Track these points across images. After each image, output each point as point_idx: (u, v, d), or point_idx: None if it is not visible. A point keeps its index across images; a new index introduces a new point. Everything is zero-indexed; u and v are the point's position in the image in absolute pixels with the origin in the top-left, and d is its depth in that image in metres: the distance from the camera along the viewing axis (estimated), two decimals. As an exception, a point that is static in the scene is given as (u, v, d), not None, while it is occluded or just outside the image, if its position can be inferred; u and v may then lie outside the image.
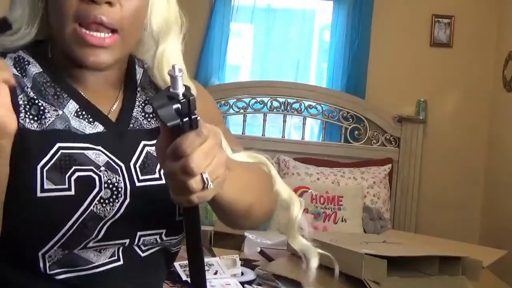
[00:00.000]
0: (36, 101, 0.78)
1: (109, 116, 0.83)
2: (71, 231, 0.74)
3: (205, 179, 0.61)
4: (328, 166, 3.46)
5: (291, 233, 0.87)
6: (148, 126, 0.86)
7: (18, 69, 0.79)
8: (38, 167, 0.74)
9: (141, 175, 0.81)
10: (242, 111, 3.61)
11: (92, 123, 0.81)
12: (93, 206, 0.75)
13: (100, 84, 0.84)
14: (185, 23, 0.86)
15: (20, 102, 0.77)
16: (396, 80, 3.67)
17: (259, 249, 2.09)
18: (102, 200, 0.76)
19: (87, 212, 0.75)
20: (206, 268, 1.63)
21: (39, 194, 0.74)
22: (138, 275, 0.82)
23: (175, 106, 0.57)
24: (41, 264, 0.75)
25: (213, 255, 1.85)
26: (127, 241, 0.80)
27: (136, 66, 0.89)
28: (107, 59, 0.77)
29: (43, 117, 0.77)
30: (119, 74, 0.86)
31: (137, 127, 0.85)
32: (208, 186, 0.62)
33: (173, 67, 0.58)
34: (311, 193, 3.17)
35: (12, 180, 0.72)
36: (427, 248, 1.73)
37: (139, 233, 0.80)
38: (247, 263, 1.80)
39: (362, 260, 1.37)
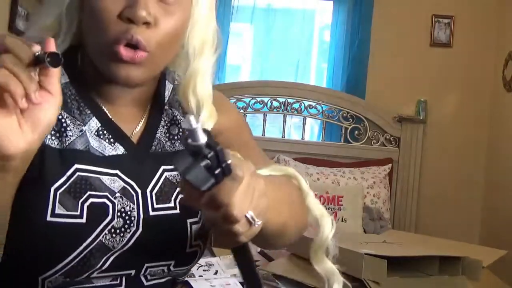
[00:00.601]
0: (60, 116, 0.74)
1: (131, 137, 0.81)
2: (75, 261, 0.71)
3: (250, 219, 0.57)
4: (328, 166, 3.46)
5: (317, 255, 0.78)
6: (171, 149, 0.84)
7: None
8: (52, 189, 0.72)
9: (156, 203, 0.78)
10: (242, 111, 3.61)
11: (112, 144, 0.78)
12: (102, 236, 0.73)
13: (127, 101, 0.81)
14: (221, 41, 0.84)
15: None
16: (396, 80, 3.68)
17: (259, 249, 2.08)
18: (113, 230, 0.74)
19: (95, 242, 0.72)
20: (206, 268, 1.63)
21: (48, 218, 0.71)
22: None
23: (203, 164, 0.49)
24: (40, 284, 0.72)
25: (213, 255, 1.85)
26: (133, 272, 0.77)
27: (166, 81, 0.87)
28: (138, 75, 0.74)
29: (65, 134, 0.74)
30: (148, 93, 0.83)
31: (159, 149, 0.83)
32: (255, 224, 0.58)
33: (187, 118, 0.50)
34: (311, 193, 3.17)
35: (23, 200, 0.69)
36: (427, 248, 1.73)
37: (146, 265, 0.78)
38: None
39: (362, 260, 1.37)
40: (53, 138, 0.74)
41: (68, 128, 0.75)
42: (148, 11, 0.71)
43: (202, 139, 0.49)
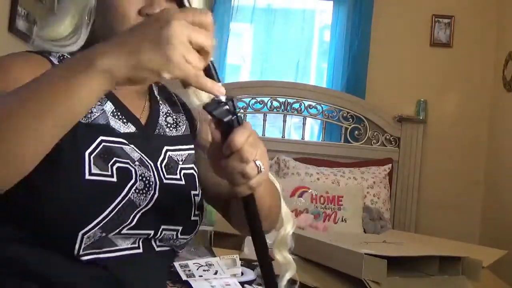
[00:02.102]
0: None
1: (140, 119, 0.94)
2: (111, 215, 0.80)
3: (257, 165, 0.73)
4: (328, 166, 3.46)
5: (280, 246, 0.96)
6: (170, 134, 0.99)
7: None
8: (86, 153, 0.82)
9: (167, 174, 0.92)
10: (242, 111, 3.61)
11: (125, 124, 0.91)
12: (131, 194, 0.83)
13: (132, 93, 0.94)
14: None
15: None
16: (396, 80, 3.68)
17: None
18: (137, 190, 0.85)
19: (125, 199, 0.82)
20: (206, 268, 1.63)
21: (87, 177, 0.81)
22: (151, 265, 0.91)
23: (225, 107, 0.71)
24: (77, 245, 0.79)
25: (213, 255, 1.85)
26: (152, 232, 0.88)
27: (154, 90, 1.02)
28: None
29: (89, 111, 0.85)
30: (144, 88, 0.98)
31: (162, 133, 0.97)
32: (261, 170, 0.73)
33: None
34: (311, 193, 3.17)
35: (63, 163, 0.79)
36: (427, 248, 1.73)
37: (162, 226, 0.89)
38: (247, 263, 1.80)
39: (362, 260, 1.37)
40: None
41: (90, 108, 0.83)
42: (162, 8, 0.82)
43: (223, 96, 0.71)
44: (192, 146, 1.00)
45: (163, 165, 0.92)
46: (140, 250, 0.88)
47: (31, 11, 2.73)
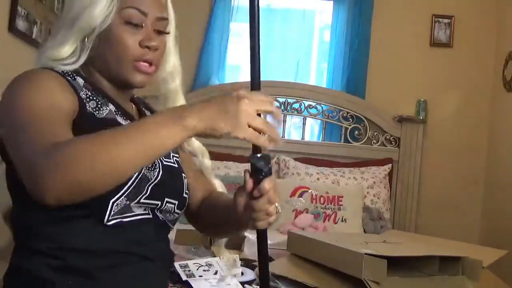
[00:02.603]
0: (93, 98, 1.09)
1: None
2: (133, 186, 1.02)
3: (277, 206, 0.99)
4: (328, 166, 3.46)
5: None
6: None
7: (68, 78, 1.07)
8: None
9: (165, 158, 1.14)
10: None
11: (126, 120, 1.13)
12: (144, 170, 1.05)
13: (123, 99, 1.18)
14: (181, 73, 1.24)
15: (83, 96, 1.07)
16: (396, 80, 3.68)
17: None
18: (148, 167, 1.07)
19: (141, 174, 1.04)
20: (206, 268, 1.63)
21: None
22: (157, 227, 1.12)
23: (263, 161, 0.96)
24: (108, 212, 1.00)
25: (213, 255, 1.85)
26: (159, 203, 1.09)
27: (135, 99, 1.27)
28: (145, 81, 1.12)
29: (100, 110, 1.09)
30: (129, 96, 1.21)
31: None
32: (278, 211, 0.99)
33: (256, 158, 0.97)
34: (311, 193, 3.17)
35: None
36: (427, 248, 1.73)
37: (166, 199, 1.11)
38: (247, 263, 1.80)
39: (362, 260, 1.37)
40: (93, 111, 1.07)
41: (100, 107, 1.09)
42: (156, 41, 1.10)
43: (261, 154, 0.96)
44: None
45: None
46: (150, 216, 1.09)
47: (31, 11, 2.74)
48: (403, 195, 3.55)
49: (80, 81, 1.09)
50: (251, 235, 2.56)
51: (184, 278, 1.56)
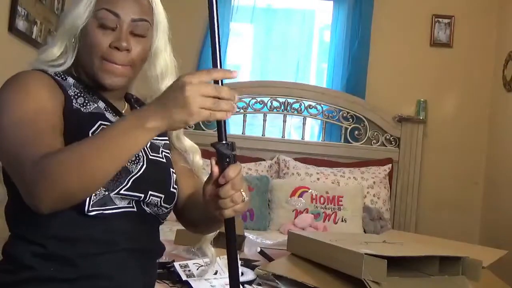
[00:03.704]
0: (81, 95, 1.14)
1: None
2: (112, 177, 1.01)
3: (242, 194, 0.98)
4: (328, 166, 3.46)
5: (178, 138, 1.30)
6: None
7: (59, 78, 1.14)
8: (90, 132, 1.09)
9: (151, 152, 1.18)
10: (242, 111, 3.61)
11: (115, 117, 1.17)
12: (127, 163, 1.07)
13: (114, 96, 1.21)
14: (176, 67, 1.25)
15: (72, 94, 1.13)
16: (396, 80, 3.68)
17: (259, 249, 2.08)
18: (130, 161, 1.10)
19: (122, 165, 1.02)
20: (206, 268, 1.63)
21: None
22: (143, 221, 1.15)
23: (226, 147, 0.96)
24: (87, 202, 1.04)
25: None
26: (142, 196, 1.12)
27: (130, 98, 1.30)
28: (116, 82, 1.15)
29: (87, 105, 1.14)
30: (120, 95, 1.24)
31: None
32: (244, 199, 0.98)
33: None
34: (311, 193, 3.17)
35: (69, 142, 1.00)
36: (427, 248, 1.73)
37: (150, 192, 1.13)
38: (247, 263, 1.80)
39: (362, 260, 1.37)
40: (80, 106, 1.13)
41: (87, 102, 1.15)
42: (128, 42, 1.13)
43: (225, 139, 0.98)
44: (166, 137, 1.27)
45: (147, 146, 1.17)
46: (134, 209, 1.12)
47: (31, 11, 2.74)
48: (403, 195, 3.55)
49: (71, 80, 1.15)
50: (251, 235, 2.57)
51: (184, 278, 1.56)
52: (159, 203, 1.16)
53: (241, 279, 1.61)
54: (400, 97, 3.67)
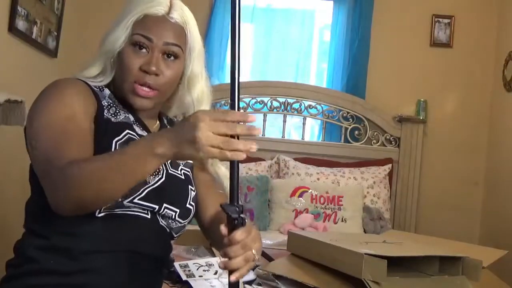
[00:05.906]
0: (113, 106, 1.22)
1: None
2: None
3: (253, 253, 0.99)
4: (328, 166, 3.46)
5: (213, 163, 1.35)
6: None
7: (97, 89, 1.21)
8: (114, 141, 1.15)
9: (171, 168, 1.24)
10: (242, 111, 3.60)
11: (142, 130, 1.24)
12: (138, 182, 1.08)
13: (147, 114, 1.27)
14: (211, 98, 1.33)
15: (105, 104, 1.20)
16: (396, 80, 3.68)
17: (259, 249, 2.09)
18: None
19: (134, 184, 1.05)
20: (206, 268, 1.63)
21: None
22: (155, 229, 1.18)
23: (235, 209, 0.96)
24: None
25: (213, 255, 1.86)
26: (157, 207, 1.16)
27: (163, 117, 1.37)
28: (146, 104, 1.21)
29: (118, 116, 1.21)
30: (153, 114, 1.30)
31: None
32: (255, 258, 0.99)
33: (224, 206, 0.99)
34: (311, 193, 3.17)
35: (98, 147, 1.11)
36: (427, 248, 1.73)
37: (165, 205, 1.18)
38: (247, 263, 1.80)
39: (362, 260, 1.37)
40: (110, 116, 1.19)
41: (118, 112, 1.22)
42: (157, 67, 1.18)
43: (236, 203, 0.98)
44: None
45: (168, 162, 1.22)
46: (148, 216, 1.16)
47: (31, 11, 2.74)
48: (403, 195, 3.55)
49: (107, 92, 1.23)
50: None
51: (184, 278, 1.56)
52: (173, 217, 1.20)
53: (241, 279, 1.61)
54: (400, 97, 3.67)
